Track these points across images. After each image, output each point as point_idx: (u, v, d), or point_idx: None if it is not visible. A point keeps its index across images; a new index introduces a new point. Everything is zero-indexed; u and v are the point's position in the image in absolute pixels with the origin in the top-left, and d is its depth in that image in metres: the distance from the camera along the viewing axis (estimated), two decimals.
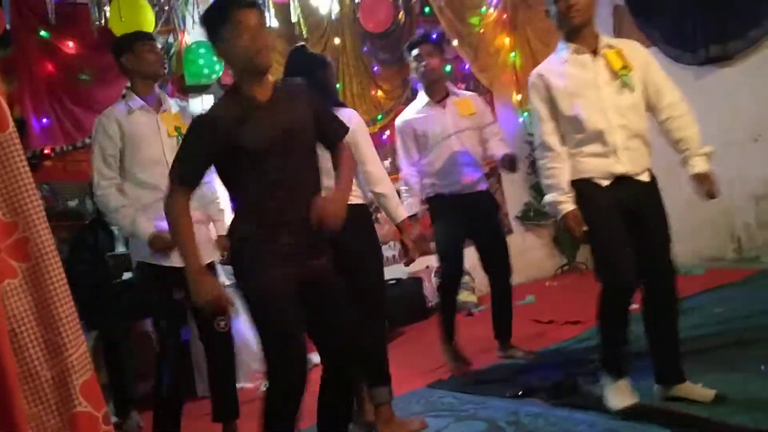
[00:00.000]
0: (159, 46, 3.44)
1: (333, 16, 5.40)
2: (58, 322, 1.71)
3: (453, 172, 3.95)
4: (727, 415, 2.72)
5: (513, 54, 7.01)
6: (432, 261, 6.16)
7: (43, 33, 4.54)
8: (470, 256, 4.22)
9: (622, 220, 2.88)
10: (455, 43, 6.52)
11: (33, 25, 4.50)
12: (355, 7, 5.53)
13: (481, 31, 6.81)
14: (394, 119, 4.96)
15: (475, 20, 6.81)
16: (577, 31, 2.91)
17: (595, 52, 2.91)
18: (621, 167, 2.89)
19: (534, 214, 6.67)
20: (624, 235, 2.87)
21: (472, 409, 3.37)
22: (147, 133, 3.22)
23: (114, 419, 3.92)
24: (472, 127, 3.99)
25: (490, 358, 4.17)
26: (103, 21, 4.29)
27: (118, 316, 4.24)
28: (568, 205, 2.89)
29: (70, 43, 4.72)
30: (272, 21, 4.97)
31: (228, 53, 2.39)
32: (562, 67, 2.95)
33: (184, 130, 2.84)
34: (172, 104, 3.44)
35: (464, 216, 3.92)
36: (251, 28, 2.31)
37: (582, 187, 2.91)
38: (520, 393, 3.40)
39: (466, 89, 6.65)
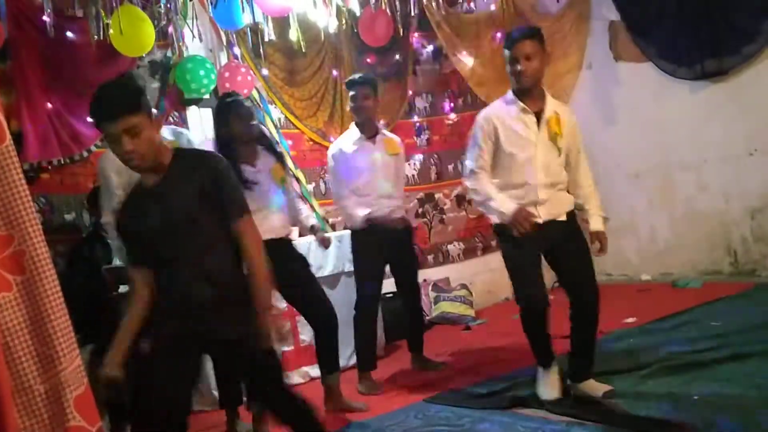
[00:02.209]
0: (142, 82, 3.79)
1: (331, 31, 5.42)
2: (52, 336, 1.71)
3: (375, 203, 4.29)
4: (723, 426, 2.74)
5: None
6: (429, 275, 6.17)
7: (41, 46, 4.55)
8: (465, 271, 4.28)
9: (537, 251, 3.33)
10: (453, 57, 6.55)
11: (31, 38, 4.50)
12: (354, 22, 5.55)
13: (479, 45, 6.83)
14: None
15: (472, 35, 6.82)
16: (526, 92, 3.28)
17: (538, 113, 3.28)
18: (544, 214, 3.30)
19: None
20: (536, 266, 3.33)
21: (469, 423, 3.35)
22: None
23: None
24: (392, 165, 4.42)
25: (487, 371, 4.15)
26: (101, 35, 4.30)
27: (115, 330, 4.21)
28: (511, 204, 3.24)
29: (69, 57, 4.73)
30: (271, 35, 4.99)
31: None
32: (508, 120, 3.30)
33: None
34: (167, 134, 3.73)
35: (382, 244, 4.27)
36: (116, 138, 2.35)
37: (505, 229, 3.28)
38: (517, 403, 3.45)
39: (463, 103, 6.72)
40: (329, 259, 4.83)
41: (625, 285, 6.32)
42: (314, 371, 4.73)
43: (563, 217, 3.37)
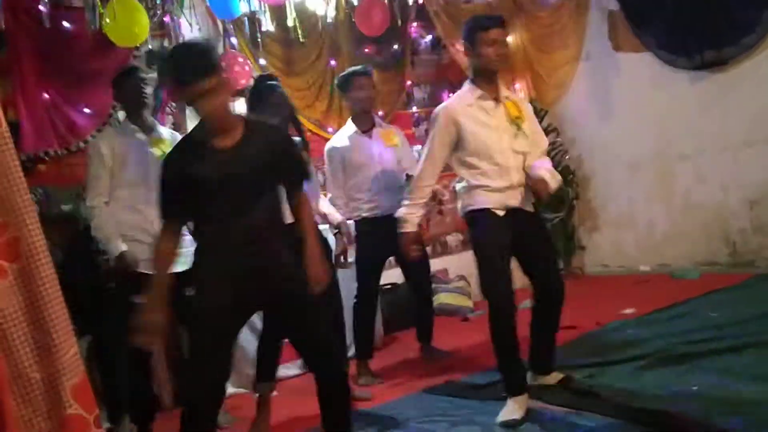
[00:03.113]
0: (143, 75, 3.84)
1: (329, 20, 5.39)
2: (49, 324, 1.70)
3: (376, 197, 4.30)
4: (720, 418, 2.74)
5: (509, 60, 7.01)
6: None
7: (37, 36, 4.52)
8: (463, 262, 4.27)
9: (509, 246, 3.30)
10: (451, 48, 6.53)
11: (28, 28, 4.48)
12: (351, 11, 5.53)
13: None
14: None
15: None
16: (489, 77, 3.34)
17: (496, 99, 3.34)
18: (514, 201, 3.32)
19: None
20: (507, 259, 3.30)
21: (467, 414, 3.36)
22: (135, 154, 3.60)
23: (106, 425, 3.90)
24: (394, 156, 4.38)
25: (485, 362, 4.15)
26: (98, 24, 4.27)
27: (112, 321, 4.21)
28: (410, 226, 3.49)
29: (65, 47, 4.70)
30: (268, 25, 4.96)
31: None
32: (468, 109, 3.33)
33: None
34: (163, 132, 3.83)
35: (386, 238, 4.12)
36: (197, 97, 2.47)
37: (479, 216, 3.32)
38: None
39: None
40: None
41: (623, 276, 6.32)
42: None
43: (530, 208, 3.42)
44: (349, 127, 4.41)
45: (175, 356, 4.16)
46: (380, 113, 4.46)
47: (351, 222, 4.41)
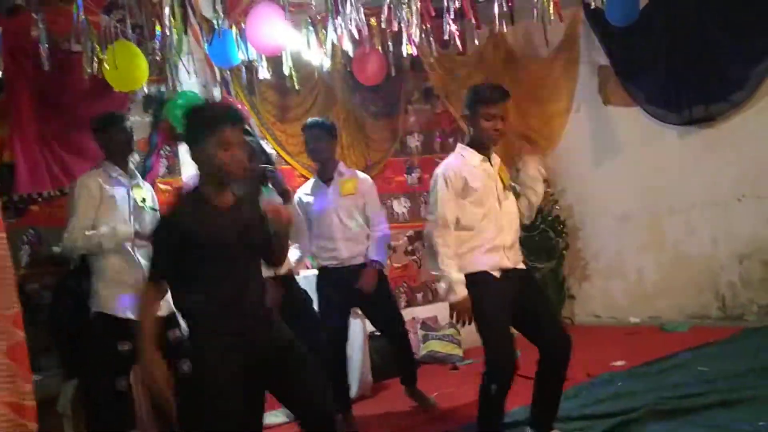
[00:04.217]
0: (128, 123, 3.85)
1: (324, 69, 5.47)
2: None
3: (333, 247, 4.26)
4: None
5: None
6: (417, 313, 6.15)
7: (35, 79, 4.56)
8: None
9: (509, 307, 3.29)
10: (444, 98, 6.63)
11: (26, 71, 4.52)
12: (347, 61, 5.61)
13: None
14: (383, 170, 5.03)
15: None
16: (488, 147, 3.40)
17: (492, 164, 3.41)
18: (508, 262, 3.34)
19: None
20: (509, 322, 3.29)
21: None
22: (120, 196, 3.65)
23: None
24: (350, 205, 4.29)
25: (474, 413, 4.11)
26: (96, 69, 4.32)
27: (96, 365, 4.14)
28: (463, 289, 3.24)
29: (62, 90, 4.75)
30: (265, 73, 5.02)
31: (202, 161, 2.58)
32: (473, 170, 3.35)
33: (149, 203, 3.72)
34: (141, 181, 3.91)
35: (347, 288, 4.21)
36: (233, 145, 2.52)
37: (477, 278, 3.28)
38: None
39: (454, 143, 6.74)
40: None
41: (613, 327, 6.32)
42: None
43: (522, 265, 3.46)
44: (314, 177, 4.48)
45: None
46: (341, 165, 4.43)
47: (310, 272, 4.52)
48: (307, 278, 4.60)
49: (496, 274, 3.30)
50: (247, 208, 2.70)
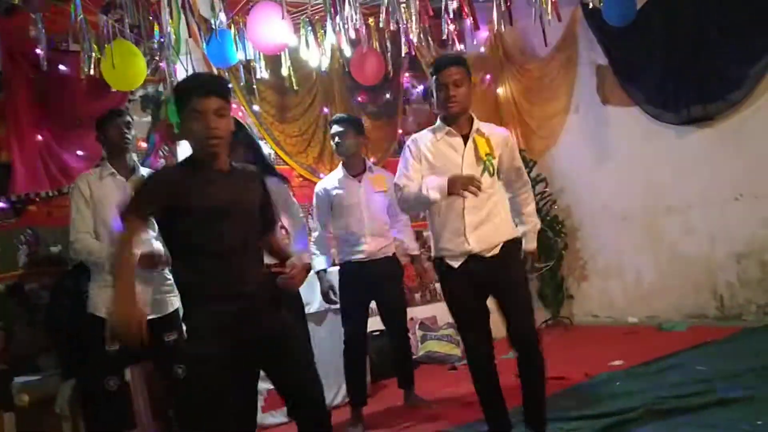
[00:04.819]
0: (129, 119, 3.76)
1: (323, 69, 5.47)
2: None
3: (360, 242, 4.31)
4: None
5: (498, 110, 7.13)
6: (416, 313, 6.15)
7: (33, 79, 4.57)
8: None
9: (475, 297, 3.22)
10: None
11: (24, 71, 4.52)
12: (345, 61, 5.62)
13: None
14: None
15: None
16: (454, 118, 3.25)
17: (466, 136, 3.24)
18: (469, 247, 3.18)
19: None
20: (476, 315, 3.23)
21: None
22: (113, 196, 3.56)
23: None
24: (382, 201, 4.40)
25: (472, 413, 4.12)
26: (93, 69, 4.32)
27: (97, 365, 4.14)
28: (441, 180, 3.06)
29: (60, 90, 4.75)
30: (263, 73, 5.02)
31: (185, 135, 2.59)
32: (432, 143, 3.26)
33: None
34: (145, 173, 3.76)
35: (370, 283, 4.29)
36: (206, 114, 2.47)
37: (440, 265, 3.28)
38: None
39: None
40: (316, 295, 4.81)
41: (611, 327, 6.32)
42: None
43: (496, 251, 3.21)
44: (340, 170, 4.46)
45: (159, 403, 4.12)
46: (371, 160, 4.50)
47: (332, 269, 4.51)
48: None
49: (455, 262, 3.21)
50: (244, 175, 2.66)
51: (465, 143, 3.23)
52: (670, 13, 5.62)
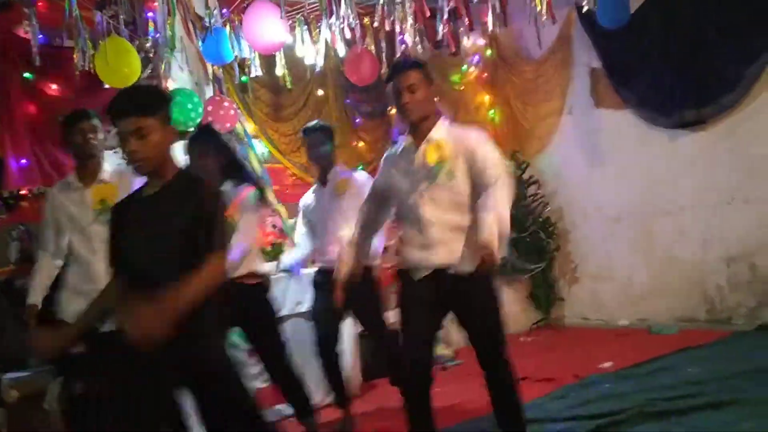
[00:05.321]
0: (95, 122, 3.48)
1: (317, 69, 5.48)
2: None
3: (325, 250, 4.23)
4: None
5: (492, 111, 7.15)
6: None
7: (26, 75, 4.55)
8: None
9: (431, 314, 3.00)
10: (436, 99, 6.63)
11: (17, 66, 4.51)
12: (340, 61, 5.62)
13: (462, 88, 6.95)
14: (375, 170, 5.01)
15: (456, 78, 6.95)
16: (414, 126, 3.05)
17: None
18: (436, 259, 2.95)
19: (511, 269, 6.70)
20: (424, 333, 3.00)
21: None
22: (71, 207, 3.46)
23: None
24: (344, 206, 4.15)
25: (461, 413, 4.13)
26: (87, 65, 4.30)
27: (89, 366, 4.08)
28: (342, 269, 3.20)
29: (53, 86, 4.74)
30: (257, 71, 5.02)
31: None
32: (394, 156, 3.14)
33: (112, 201, 3.05)
34: (109, 175, 3.53)
35: (331, 288, 3.93)
36: (124, 137, 2.39)
37: (402, 277, 3.09)
38: None
39: None
40: (308, 295, 4.80)
41: (602, 329, 6.34)
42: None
43: (466, 267, 2.90)
44: (315, 180, 4.49)
45: None
46: (338, 166, 4.36)
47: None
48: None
49: (419, 274, 3.00)
50: (180, 193, 2.47)
51: None
52: (663, 17, 5.64)
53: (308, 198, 4.44)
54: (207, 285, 2.37)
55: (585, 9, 5.17)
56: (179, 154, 5.09)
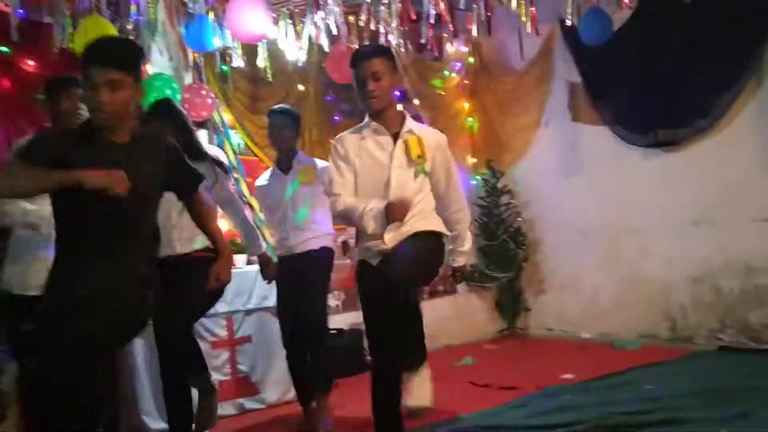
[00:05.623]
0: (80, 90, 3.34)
1: (299, 64, 5.45)
2: None
3: (285, 236, 4.19)
4: None
5: (471, 119, 7.19)
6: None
7: (3, 49, 4.47)
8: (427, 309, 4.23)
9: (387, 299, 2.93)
10: (416, 102, 6.66)
11: None
12: (322, 57, 5.61)
13: (443, 93, 6.98)
14: None
15: (437, 83, 6.97)
16: (379, 115, 3.05)
17: (396, 135, 3.03)
18: (386, 247, 2.96)
19: (479, 276, 6.74)
20: (388, 318, 2.94)
21: None
22: None
23: None
24: (306, 194, 4.16)
25: (442, 413, 4.11)
26: (65, 42, 4.24)
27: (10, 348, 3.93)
28: (378, 202, 2.93)
29: (30, 62, 4.66)
30: (239, 61, 4.99)
31: (83, 101, 2.55)
32: (358, 142, 3.07)
33: None
34: None
35: (294, 276, 4.09)
36: (95, 86, 2.35)
37: (360, 266, 3.09)
38: None
39: None
40: (255, 292, 4.78)
41: (565, 341, 6.40)
42: (249, 403, 4.67)
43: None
44: (273, 166, 4.42)
45: None
46: (300, 152, 4.32)
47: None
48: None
49: (374, 260, 3.00)
50: (146, 145, 2.54)
51: (395, 142, 3.04)
52: (644, 38, 5.70)
53: (263, 182, 4.34)
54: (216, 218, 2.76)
55: (569, 23, 5.22)
56: None
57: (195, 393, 3.59)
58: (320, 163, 4.30)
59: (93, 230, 2.41)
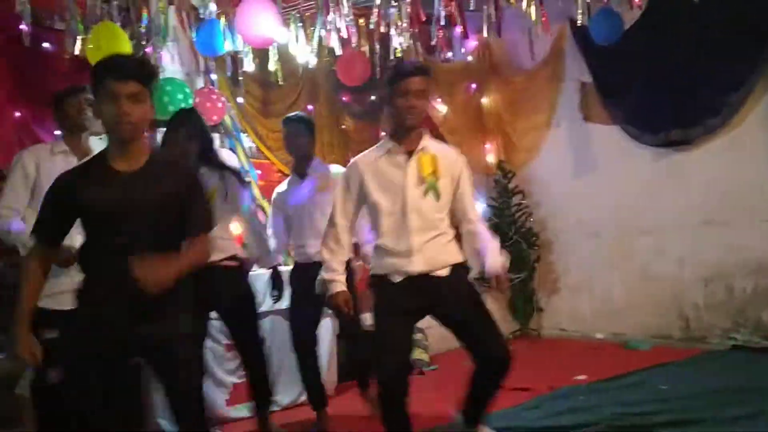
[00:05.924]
0: (90, 96, 3.43)
1: (310, 66, 5.47)
2: None
3: (303, 244, 4.20)
4: None
5: (482, 120, 7.17)
6: (367, 319, 6.14)
7: (14, 55, 4.50)
8: None
9: (408, 318, 3.11)
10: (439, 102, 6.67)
11: (5, 46, 4.47)
12: (333, 60, 5.62)
13: (453, 94, 6.97)
14: None
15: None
16: (406, 131, 3.08)
17: (412, 152, 3.08)
18: (414, 268, 3.04)
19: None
20: (402, 337, 3.08)
21: None
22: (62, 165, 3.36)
23: None
24: (324, 201, 4.05)
25: (436, 418, 4.13)
26: (78, 49, 4.27)
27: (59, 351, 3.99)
28: (338, 285, 3.13)
29: (41, 68, 4.69)
30: (250, 65, 5.01)
31: (97, 115, 2.52)
32: (375, 162, 3.13)
33: None
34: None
35: (309, 285, 3.95)
36: (117, 98, 2.36)
37: (375, 281, 3.14)
38: None
39: None
40: (287, 292, 4.78)
41: (578, 341, 6.38)
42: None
43: (444, 271, 3.10)
44: (291, 172, 4.42)
45: None
46: (317, 159, 4.33)
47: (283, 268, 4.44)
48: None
49: (396, 278, 3.06)
50: (161, 171, 2.52)
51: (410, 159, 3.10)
52: (654, 37, 5.68)
53: (283, 188, 4.36)
54: (199, 260, 2.52)
55: (579, 23, 5.21)
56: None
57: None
58: (334, 168, 4.34)
59: (111, 259, 2.45)
